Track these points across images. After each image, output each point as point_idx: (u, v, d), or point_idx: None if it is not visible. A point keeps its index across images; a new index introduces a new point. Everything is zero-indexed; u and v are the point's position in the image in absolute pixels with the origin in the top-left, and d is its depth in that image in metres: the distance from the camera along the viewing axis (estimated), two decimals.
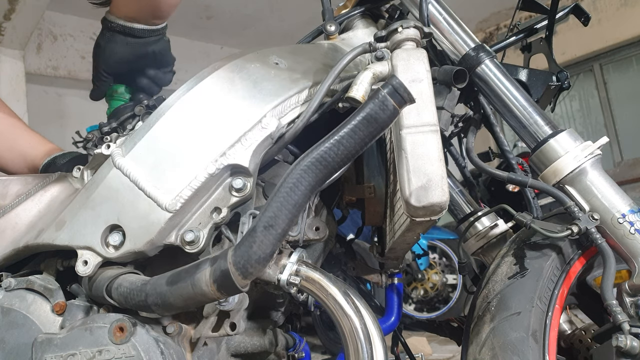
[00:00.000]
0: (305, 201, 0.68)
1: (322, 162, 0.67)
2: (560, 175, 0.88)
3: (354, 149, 0.66)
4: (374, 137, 0.66)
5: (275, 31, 5.53)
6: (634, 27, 5.35)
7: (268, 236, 0.67)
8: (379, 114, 0.64)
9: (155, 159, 0.81)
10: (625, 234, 0.83)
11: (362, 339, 0.75)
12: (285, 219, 0.67)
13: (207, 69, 0.88)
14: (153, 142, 0.82)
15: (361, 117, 0.65)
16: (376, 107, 0.65)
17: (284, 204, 0.67)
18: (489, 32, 6.28)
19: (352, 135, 0.65)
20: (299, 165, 0.68)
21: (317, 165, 0.67)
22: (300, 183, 0.67)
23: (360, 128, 0.65)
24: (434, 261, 3.94)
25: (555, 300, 0.84)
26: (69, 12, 4.94)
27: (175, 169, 0.80)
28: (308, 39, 1.15)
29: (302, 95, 0.88)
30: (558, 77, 1.07)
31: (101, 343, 0.74)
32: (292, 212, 0.67)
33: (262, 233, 0.67)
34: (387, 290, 1.34)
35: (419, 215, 0.75)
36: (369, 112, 0.65)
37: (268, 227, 0.67)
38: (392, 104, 0.65)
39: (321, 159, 0.67)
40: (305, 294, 0.83)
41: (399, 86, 0.65)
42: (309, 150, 0.68)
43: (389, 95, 0.65)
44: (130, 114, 0.98)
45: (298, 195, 0.67)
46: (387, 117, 0.65)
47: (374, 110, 0.65)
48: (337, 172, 0.70)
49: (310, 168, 0.67)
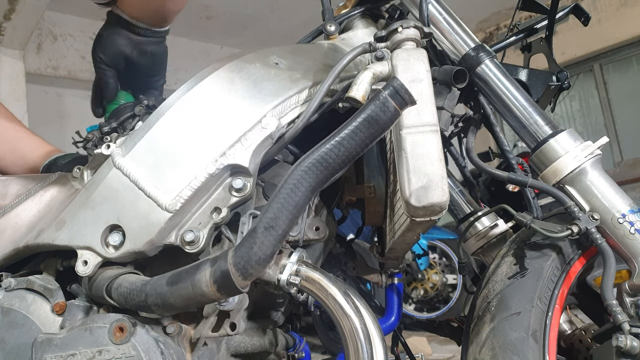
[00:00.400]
0: (306, 202, 0.68)
1: (323, 164, 0.67)
2: (560, 175, 0.88)
3: (354, 150, 0.66)
4: (374, 138, 0.66)
5: (275, 31, 5.53)
6: (634, 27, 5.35)
7: (269, 237, 0.67)
8: (380, 116, 0.64)
9: (155, 159, 0.81)
10: (625, 234, 0.83)
11: (362, 339, 0.75)
12: (286, 220, 0.67)
13: (207, 69, 0.88)
14: (153, 142, 0.82)
15: (362, 119, 0.65)
16: (377, 108, 0.64)
17: (285, 205, 0.67)
18: (489, 32, 6.28)
19: (353, 137, 0.65)
20: (299, 167, 0.68)
21: (318, 166, 0.67)
22: (301, 184, 0.67)
23: (361, 129, 0.65)
24: (434, 261, 3.94)
25: (555, 300, 0.84)
26: (69, 12, 4.94)
27: (175, 169, 0.80)
28: (308, 39, 1.15)
29: (302, 95, 0.88)
30: (558, 77, 1.07)
31: (101, 343, 0.74)
32: (292, 214, 0.67)
33: (262, 234, 0.66)
34: (387, 290, 1.34)
35: (419, 215, 0.75)
36: (369, 114, 0.65)
37: (269, 228, 0.67)
38: (393, 105, 0.64)
39: (322, 160, 0.67)
40: (305, 294, 0.83)
41: (400, 87, 0.64)
42: (310, 151, 0.68)
43: (390, 97, 0.64)
44: (130, 114, 0.98)
45: (299, 196, 0.67)
46: (388, 119, 0.65)
47: (374, 112, 0.64)
48: (338, 173, 0.69)
49: (311, 169, 0.67)
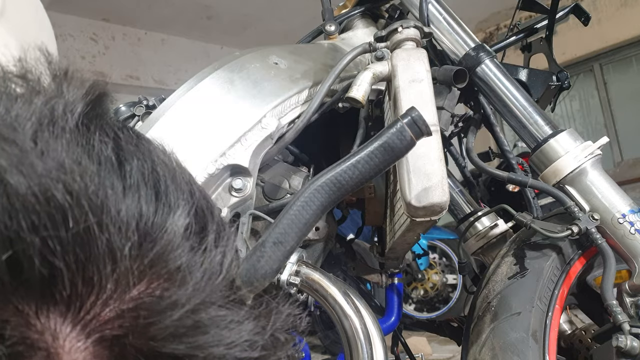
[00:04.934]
0: (315, 220, 0.69)
1: (337, 184, 0.68)
2: (561, 175, 0.88)
3: (368, 174, 0.68)
4: (388, 165, 0.68)
5: (275, 31, 5.52)
6: (634, 27, 5.35)
7: (277, 252, 0.68)
8: (396, 144, 0.66)
9: None
10: (625, 234, 0.83)
11: (362, 339, 0.75)
12: (295, 237, 0.68)
13: (207, 69, 0.88)
14: None
15: (379, 144, 0.66)
16: (394, 136, 0.66)
17: (295, 221, 0.68)
18: (489, 32, 6.28)
19: (369, 161, 0.67)
20: (313, 184, 0.69)
21: (331, 186, 0.68)
22: (313, 202, 0.68)
23: (377, 155, 0.67)
24: (434, 261, 3.94)
25: (555, 300, 0.84)
26: (69, 12, 4.94)
27: None
28: (308, 39, 1.15)
29: (302, 95, 0.88)
30: (558, 77, 1.07)
31: None
32: (302, 230, 0.68)
33: (271, 248, 0.68)
34: (387, 290, 1.34)
35: (419, 215, 0.75)
36: (386, 141, 0.66)
37: (277, 243, 0.68)
38: (410, 135, 0.66)
39: (336, 180, 0.68)
40: (305, 294, 0.83)
41: (418, 118, 0.66)
42: (325, 170, 0.70)
43: (408, 127, 0.66)
44: (130, 114, 0.98)
45: (309, 214, 0.68)
46: (404, 148, 0.67)
47: (391, 140, 0.66)
48: (348, 194, 0.71)
49: (323, 188, 0.68)
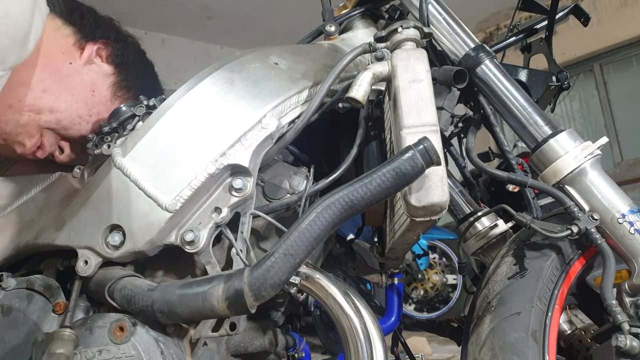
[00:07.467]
0: (325, 235, 0.71)
1: (348, 202, 0.71)
2: (560, 176, 0.88)
3: (379, 195, 0.71)
4: (398, 189, 0.71)
5: (275, 31, 5.52)
6: (634, 27, 5.35)
7: (286, 263, 0.70)
8: (408, 170, 0.69)
9: (155, 159, 0.81)
10: (625, 234, 0.83)
11: (362, 339, 0.76)
12: (305, 250, 0.70)
13: (207, 69, 0.88)
14: (153, 142, 0.82)
15: (391, 168, 0.70)
16: (406, 163, 0.69)
17: (305, 235, 0.70)
18: (489, 32, 6.28)
19: (380, 184, 0.70)
20: (325, 200, 0.71)
21: (343, 204, 0.71)
22: (324, 217, 0.70)
23: (388, 178, 0.70)
24: (434, 261, 3.94)
25: (555, 300, 0.84)
26: None
27: (175, 169, 0.80)
28: (308, 39, 1.15)
29: (302, 96, 0.88)
30: (558, 77, 1.07)
31: (101, 343, 0.74)
32: (311, 244, 0.70)
33: (281, 259, 0.70)
34: (387, 290, 1.34)
35: (419, 215, 0.75)
36: (398, 166, 0.69)
37: (287, 255, 0.70)
38: (421, 162, 0.69)
39: (347, 199, 0.71)
40: (305, 294, 0.83)
41: (430, 148, 0.69)
42: (338, 188, 0.72)
43: (420, 154, 0.69)
44: (130, 114, 0.98)
45: (320, 228, 0.70)
46: (414, 174, 0.70)
47: (403, 166, 0.69)
48: (358, 213, 0.73)
49: (335, 204, 0.71)
